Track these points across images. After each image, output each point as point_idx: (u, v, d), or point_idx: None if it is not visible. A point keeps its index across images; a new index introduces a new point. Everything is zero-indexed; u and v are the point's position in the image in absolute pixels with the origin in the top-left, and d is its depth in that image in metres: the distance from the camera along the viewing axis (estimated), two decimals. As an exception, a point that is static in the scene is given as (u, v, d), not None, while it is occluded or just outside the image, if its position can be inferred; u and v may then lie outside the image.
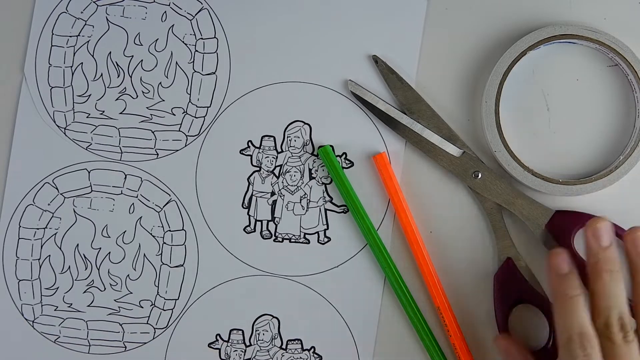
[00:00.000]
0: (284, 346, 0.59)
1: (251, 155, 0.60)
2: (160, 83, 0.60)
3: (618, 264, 0.51)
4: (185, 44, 0.60)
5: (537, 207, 0.57)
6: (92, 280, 0.60)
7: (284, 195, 0.59)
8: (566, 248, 0.54)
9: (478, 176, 0.58)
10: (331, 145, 0.59)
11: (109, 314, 0.60)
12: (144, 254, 0.60)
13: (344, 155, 0.59)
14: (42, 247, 0.59)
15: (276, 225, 0.59)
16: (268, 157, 0.59)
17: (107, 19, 0.60)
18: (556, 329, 0.51)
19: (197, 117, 0.60)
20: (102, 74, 0.60)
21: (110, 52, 0.60)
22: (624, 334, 0.49)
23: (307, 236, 0.59)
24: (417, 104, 0.58)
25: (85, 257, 0.60)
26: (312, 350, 0.59)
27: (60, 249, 0.60)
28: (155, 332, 0.60)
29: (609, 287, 0.50)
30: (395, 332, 0.59)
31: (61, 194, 0.60)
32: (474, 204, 0.59)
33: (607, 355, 0.49)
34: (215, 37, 0.60)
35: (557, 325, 0.50)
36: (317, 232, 0.59)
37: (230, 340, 0.59)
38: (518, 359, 0.54)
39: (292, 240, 0.59)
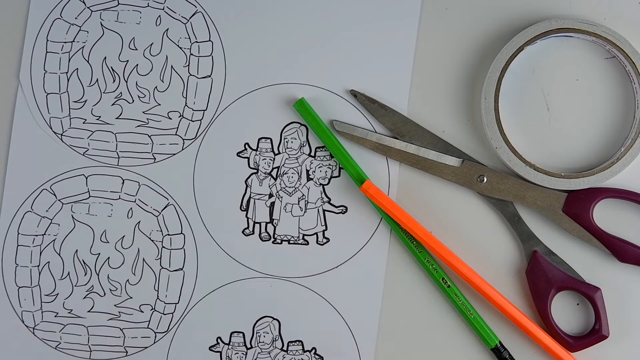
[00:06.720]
0: (285, 348, 0.59)
1: (248, 158, 0.59)
2: (156, 87, 0.60)
3: None
4: (180, 48, 0.60)
5: (549, 194, 0.57)
6: (92, 285, 0.60)
7: (282, 197, 0.59)
8: (587, 225, 0.55)
9: (484, 180, 0.57)
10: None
11: (110, 319, 0.59)
12: (143, 259, 0.59)
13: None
14: (41, 253, 0.59)
15: (275, 227, 0.59)
16: (265, 159, 0.59)
17: (101, 24, 0.60)
18: None
19: (193, 121, 0.59)
20: (97, 80, 0.60)
21: (105, 57, 0.60)
22: None
23: (305, 237, 0.59)
24: (406, 125, 0.58)
25: (84, 262, 0.60)
26: (313, 351, 0.59)
27: (59, 255, 0.60)
28: (156, 337, 0.59)
29: None
30: (397, 332, 0.58)
31: (59, 200, 0.60)
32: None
33: None
34: (210, 40, 0.60)
35: None
36: (316, 233, 0.59)
37: (231, 343, 0.59)
38: None
39: (290, 241, 0.59)
